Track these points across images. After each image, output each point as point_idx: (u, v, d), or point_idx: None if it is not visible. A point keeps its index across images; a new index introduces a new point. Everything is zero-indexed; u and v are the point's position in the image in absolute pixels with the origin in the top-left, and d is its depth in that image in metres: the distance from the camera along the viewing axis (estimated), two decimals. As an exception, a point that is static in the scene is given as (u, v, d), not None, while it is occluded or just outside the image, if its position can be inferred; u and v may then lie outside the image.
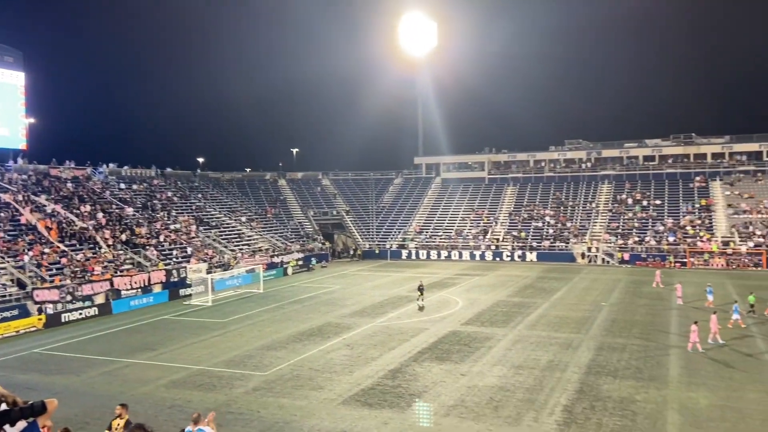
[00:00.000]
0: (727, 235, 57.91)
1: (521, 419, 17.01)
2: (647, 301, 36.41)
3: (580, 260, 59.92)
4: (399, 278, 49.71)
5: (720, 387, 19.51)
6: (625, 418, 16.95)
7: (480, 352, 24.74)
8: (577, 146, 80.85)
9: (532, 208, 71.63)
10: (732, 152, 71.16)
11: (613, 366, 22.23)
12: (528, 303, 36.32)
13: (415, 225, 73.39)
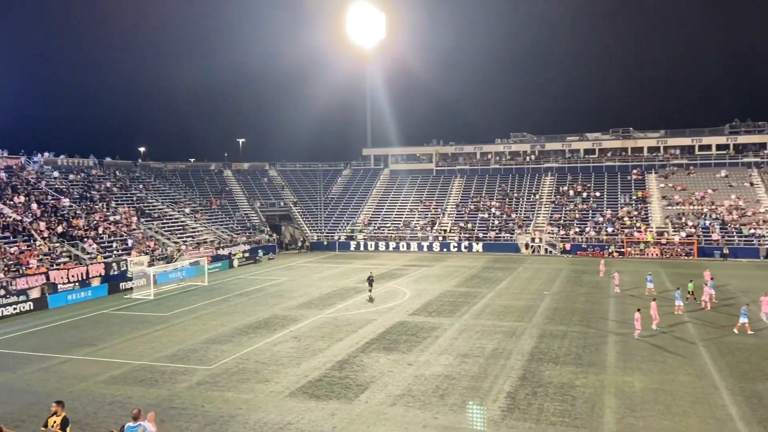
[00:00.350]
0: (662, 226, 60.50)
1: (466, 406, 17.32)
2: (587, 290, 37.66)
3: (524, 250, 61.39)
4: (347, 270, 49.69)
5: (654, 371, 20.40)
6: (565, 402, 17.51)
7: (427, 341, 25.03)
8: (521, 139, 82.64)
9: (478, 199, 72.82)
10: (666, 146, 74.31)
11: (555, 353, 22.91)
12: (474, 293, 36.97)
13: (364, 216, 73.44)
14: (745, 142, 71.58)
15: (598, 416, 16.44)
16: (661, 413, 16.55)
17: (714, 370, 20.42)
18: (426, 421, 16.34)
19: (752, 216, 59.22)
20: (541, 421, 16.12)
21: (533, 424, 15.92)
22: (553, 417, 16.41)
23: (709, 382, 19.08)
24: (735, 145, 71.62)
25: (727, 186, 65.63)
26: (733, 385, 18.77)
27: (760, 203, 61.55)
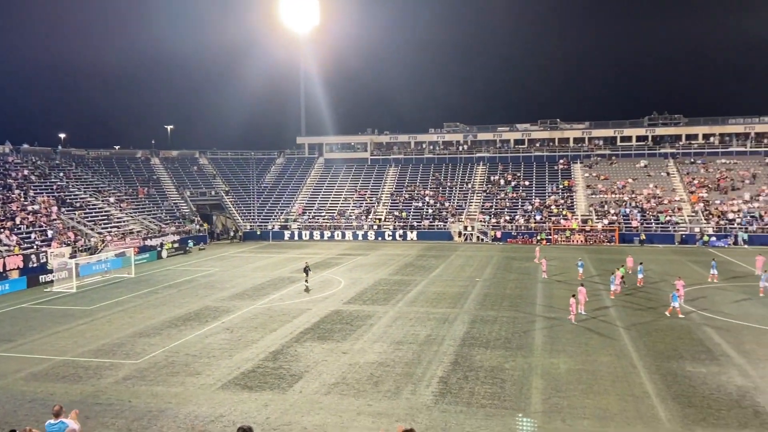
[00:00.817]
0: (586, 214, 63.13)
1: (400, 393, 17.57)
2: (517, 276, 38.86)
3: (457, 238, 62.62)
4: (281, 259, 49.15)
5: (578, 353, 21.33)
6: (495, 385, 18.05)
7: (362, 330, 25.15)
8: (454, 129, 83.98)
9: (412, 188, 73.56)
10: (591, 137, 77.47)
11: (486, 337, 23.55)
12: (408, 281, 37.41)
13: (298, 206, 72.75)
14: (662, 134, 75.58)
15: (525, 397, 17.05)
16: (584, 392, 17.34)
17: (633, 350, 21.56)
18: (360, 409, 16.45)
19: (668, 204, 62.75)
20: (472, 404, 16.55)
21: (464, 407, 16.33)
22: (483, 400, 16.89)
23: (628, 362, 20.14)
24: (653, 136, 75.52)
25: (646, 175, 69.17)
26: (650, 364, 19.89)
27: (675, 192, 65.25)
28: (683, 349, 21.54)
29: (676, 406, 16.21)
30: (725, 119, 74.47)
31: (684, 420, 15.28)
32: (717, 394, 17.01)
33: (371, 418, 15.84)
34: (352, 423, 15.51)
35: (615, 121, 77.83)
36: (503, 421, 15.47)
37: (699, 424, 14.99)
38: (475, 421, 15.41)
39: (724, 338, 22.84)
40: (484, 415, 15.83)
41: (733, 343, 22.19)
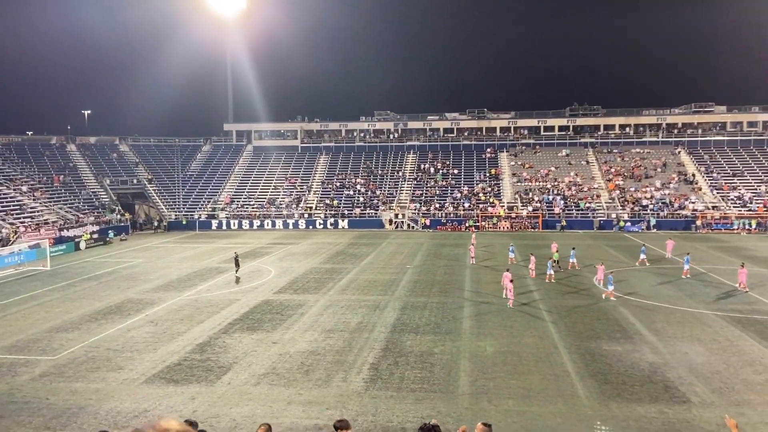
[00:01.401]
0: (512, 201, 65.10)
1: (331, 380, 17.59)
2: (446, 262, 39.64)
3: (388, 226, 63.11)
4: (208, 249, 47.93)
5: (503, 335, 22.05)
6: (424, 370, 18.39)
7: (292, 319, 24.96)
8: (385, 117, 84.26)
9: (344, 176, 73.40)
10: (516, 127, 79.78)
11: (416, 323, 23.92)
12: (339, 269, 37.40)
13: (226, 194, 71.08)
14: (582, 124, 78.81)
15: (453, 380, 17.47)
16: (509, 373, 17.97)
17: (554, 331, 22.51)
18: (291, 398, 16.36)
19: (588, 191, 65.65)
20: (402, 389, 16.81)
21: (395, 392, 16.55)
22: (413, 384, 17.18)
23: (550, 343, 21.01)
24: (574, 126, 78.64)
25: (568, 164, 72.01)
26: (570, 344, 20.83)
27: (594, 180, 68.32)
28: (600, 329, 22.69)
29: (593, 383, 17.07)
30: (639, 111, 78.54)
31: (601, 396, 16.13)
32: (631, 370, 18.04)
33: (302, 407, 15.79)
34: (282, 413, 15.41)
35: (539, 111, 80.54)
36: (432, 404, 15.80)
37: (614, 400, 15.86)
38: (405, 406, 15.67)
39: (638, 318, 24.22)
40: (414, 399, 16.11)
41: (645, 322, 23.57)
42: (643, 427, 14.21)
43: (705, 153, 71.30)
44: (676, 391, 16.37)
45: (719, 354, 19.47)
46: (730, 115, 75.96)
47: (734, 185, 64.21)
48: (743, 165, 68.16)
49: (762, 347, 20.12)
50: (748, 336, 21.47)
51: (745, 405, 15.37)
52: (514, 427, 14.20)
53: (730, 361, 18.77)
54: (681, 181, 65.92)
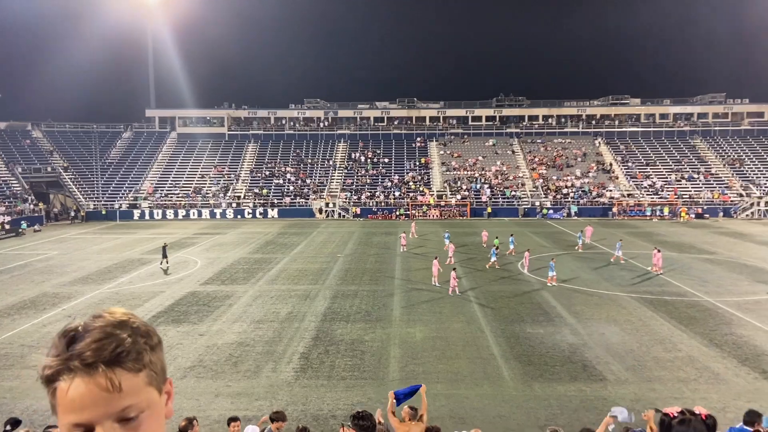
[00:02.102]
0: (441, 190, 66.21)
1: (260, 371, 17.37)
2: (377, 251, 39.87)
3: (319, 215, 62.75)
4: (130, 240, 46.07)
5: (432, 321, 22.46)
6: (355, 357, 18.47)
7: (220, 310, 24.42)
8: (315, 105, 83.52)
9: (273, 165, 72.27)
10: (445, 116, 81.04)
11: (346, 312, 23.96)
12: (269, 259, 36.88)
13: (149, 183, 68.46)
14: (508, 115, 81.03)
15: (384, 367, 17.65)
16: (438, 358, 18.33)
17: (481, 316, 23.13)
18: (219, 390, 16.04)
19: (513, 180, 67.68)
20: (332, 377, 16.82)
21: (325, 381, 16.54)
22: (344, 372, 17.22)
23: (477, 327, 21.59)
24: (500, 117, 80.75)
25: (494, 153, 73.91)
26: (496, 328, 21.48)
27: (519, 169, 70.49)
28: (524, 312, 23.52)
29: (517, 365, 17.69)
30: (561, 102, 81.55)
31: (524, 377, 16.74)
32: (552, 351, 18.82)
33: (230, 399, 15.51)
34: (209, 405, 15.08)
35: (467, 101, 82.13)
36: (363, 391, 15.91)
37: (537, 380, 16.51)
38: (336, 393, 15.70)
39: (559, 301, 25.26)
40: (345, 386, 16.16)
41: (566, 305, 24.62)
42: (564, 404, 14.87)
43: (621, 143, 74.99)
44: (594, 369, 17.22)
45: (633, 334, 20.62)
46: (644, 107, 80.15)
47: (647, 174, 67.95)
48: (656, 155, 72.21)
49: (671, 326, 21.46)
50: (659, 316, 22.84)
51: (656, 381, 16.36)
52: (443, 411, 14.51)
53: (643, 340, 19.92)
54: (599, 170, 69.09)
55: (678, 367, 17.30)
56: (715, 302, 24.93)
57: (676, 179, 66.65)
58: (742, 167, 68.31)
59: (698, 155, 71.74)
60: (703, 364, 17.56)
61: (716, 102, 79.67)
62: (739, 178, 66.02)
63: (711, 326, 21.45)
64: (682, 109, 79.26)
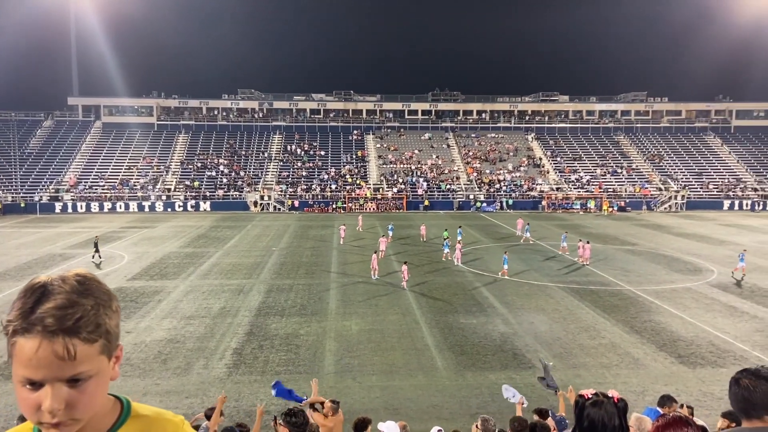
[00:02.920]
0: (378, 183, 66.44)
1: (191, 368, 16.92)
2: (313, 244, 39.60)
3: (254, 208, 61.68)
4: (52, 234, 43.79)
5: (368, 314, 22.54)
6: (290, 352, 18.30)
7: (148, 306, 23.61)
8: (249, 96, 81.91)
9: (205, 156, 70.41)
10: (382, 110, 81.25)
11: (281, 306, 23.69)
12: (201, 253, 35.95)
13: (72, 174, 65.23)
14: (443, 109, 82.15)
15: (319, 360, 17.58)
16: (373, 350, 18.43)
17: (416, 307, 23.42)
18: (147, 389, 15.52)
19: (448, 173, 68.75)
20: (266, 372, 16.59)
21: (259, 376, 16.31)
22: (278, 367, 17.03)
23: (412, 319, 21.84)
24: (436, 111, 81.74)
25: (430, 147, 74.82)
26: (430, 319, 21.80)
27: (454, 162, 71.67)
28: (458, 303, 23.98)
29: (451, 355, 18.02)
30: (495, 98, 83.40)
31: (457, 367, 17.08)
32: (484, 341, 19.29)
33: (159, 397, 15.04)
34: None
35: (403, 95, 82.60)
36: (297, 385, 15.72)
37: (469, 369, 16.88)
38: (270, 389, 15.48)
39: (491, 292, 25.91)
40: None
41: (498, 296, 25.28)
42: (494, 393, 15.25)
43: (551, 139, 77.55)
44: (523, 357, 17.77)
45: (560, 322, 21.41)
46: (572, 104, 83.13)
47: (575, 168, 70.60)
48: (582, 150, 75.10)
49: (595, 314, 22.43)
50: (584, 305, 23.82)
51: (581, 367, 17.06)
52: (377, 402, 14.61)
53: (569, 328, 20.72)
54: (530, 165, 71.21)
55: (601, 354, 18.11)
56: (635, 291, 26.25)
57: (601, 173, 69.57)
58: (661, 163, 72.10)
59: (621, 151, 75.14)
60: (624, 350, 18.45)
61: (638, 100, 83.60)
62: (658, 173, 69.65)
63: (632, 314, 22.56)
64: (607, 106, 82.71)
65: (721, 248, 37.57)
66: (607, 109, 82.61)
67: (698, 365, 17.15)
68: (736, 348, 18.63)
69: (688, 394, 14.85)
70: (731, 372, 11.43)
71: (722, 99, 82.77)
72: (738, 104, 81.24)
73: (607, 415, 2.67)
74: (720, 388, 15.36)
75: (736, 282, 28.03)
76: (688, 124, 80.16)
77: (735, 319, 21.82)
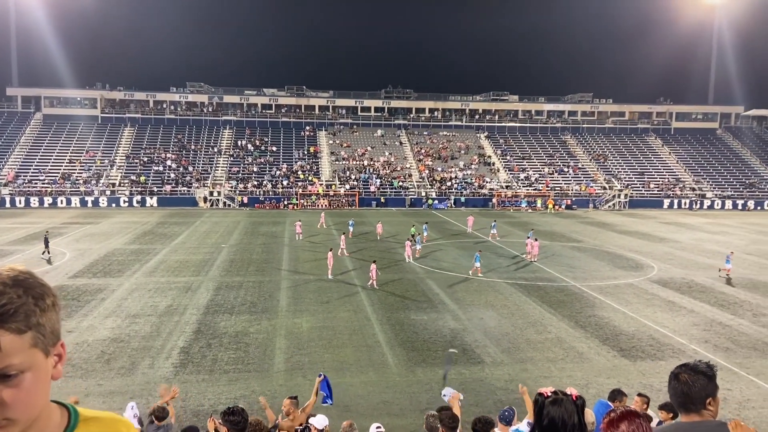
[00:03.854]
0: (330, 179, 66.16)
1: (136, 368, 16.45)
2: (264, 240, 39.11)
3: (203, 204, 60.44)
4: (-13, 230, 41.77)
5: (319, 311, 22.43)
6: (239, 350, 18.02)
7: (91, 305, 22.82)
8: (198, 90, 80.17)
9: (152, 151, 68.53)
10: (335, 106, 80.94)
11: (231, 303, 23.30)
12: (147, 249, 34.99)
13: (9, 168, 62.35)
14: (396, 106, 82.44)
15: (269, 358, 17.38)
16: (324, 347, 18.35)
17: (368, 304, 23.45)
18: (89, 389, 15.00)
19: (401, 171, 69.09)
20: (215, 371, 16.30)
21: (207, 375, 16.00)
22: (227, 366, 16.75)
23: (364, 316, 21.86)
24: (389, 108, 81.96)
25: (383, 144, 75.00)
26: (381, 316, 21.86)
27: (406, 160, 72.07)
28: (409, 300, 24.15)
29: (402, 351, 18.13)
30: (447, 96, 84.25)
31: (408, 363, 17.19)
32: (435, 337, 19.48)
33: (102, 398, 14.57)
34: (79, 406, 14.03)
35: (356, 92, 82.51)
36: (246, 383, 15.57)
37: (419, 365, 17.02)
38: (218, 388, 15.23)
39: (442, 288, 26.19)
40: (227, 380, 15.73)
41: (448, 292, 25.58)
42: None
43: (501, 137, 78.93)
44: (473, 353, 18.04)
45: (508, 318, 21.84)
46: (522, 104, 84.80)
47: (523, 167, 72.10)
48: (531, 149, 76.76)
49: (542, 310, 22.98)
50: (531, 300, 24.37)
51: (528, 362, 17.45)
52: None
53: (517, 323, 21.16)
54: (481, 163, 72.30)
55: (548, 348, 18.57)
56: (580, 287, 27.03)
57: (548, 172, 71.28)
58: (606, 162, 74.43)
59: (568, 150, 77.18)
60: (569, 344, 18.98)
61: (584, 101, 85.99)
62: (603, 172, 71.88)
63: (577, 309, 23.23)
64: (555, 107, 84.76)
65: (662, 245, 39.10)
66: (555, 110, 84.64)
67: (639, 358, 17.80)
68: (674, 341, 19.43)
69: (629, 387, 15.38)
70: (670, 365, 12.00)
71: (663, 102, 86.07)
72: (677, 107, 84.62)
73: (566, 413, 2.68)
74: (659, 380, 15.99)
75: (727, 280, 28.83)
76: (631, 125, 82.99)
77: (673, 314, 22.75)
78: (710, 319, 22.14)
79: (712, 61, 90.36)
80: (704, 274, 30.08)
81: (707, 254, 35.82)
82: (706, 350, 18.53)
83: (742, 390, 15.56)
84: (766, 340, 19.71)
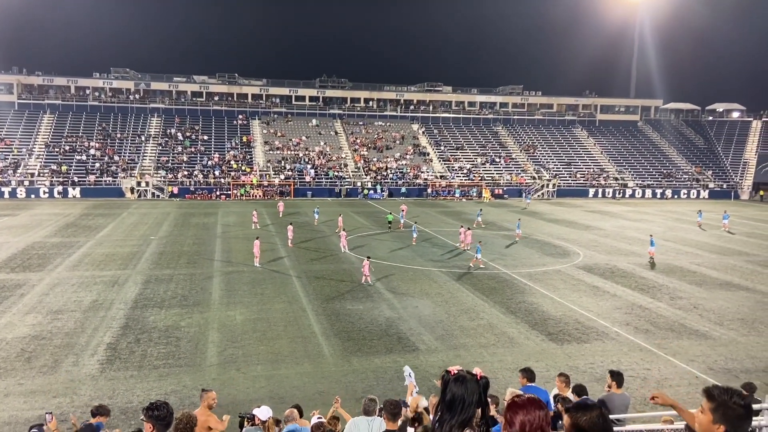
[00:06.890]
0: (264, 169, 65.08)
1: (59, 366, 15.73)
2: (195, 232, 38.09)
3: (130, 195, 58.18)
4: None
5: (253, 303, 22.11)
6: (170, 345, 17.53)
7: (9, 301, 21.59)
8: (124, 76, 76.75)
9: (74, 139, 65.24)
10: (268, 94, 79.47)
11: (160, 297, 22.61)
12: (70, 243, 33.37)
13: None
14: (331, 96, 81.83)
15: (201, 352, 17.01)
16: (259, 340, 18.13)
17: (303, 295, 23.31)
18: (9, 389, 14.24)
19: (336, 160, 68.78)
20: (144, 367, 15.81)
21: (135, 371, 15.50)
22: (156, 361, 16.27)
23: (299, 307, 21.72)
24: (324, 97, 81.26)
25: (318, 134, 74.37)
26: (317, 306, 21.80)
27: (342, 150, 71.80)
28: (345, 290, 24.18)
29: (337, 341, 18.16)
30: (382, 86, 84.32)
31: (344, 353, 17.25)
32: (370, 326, 19.62)
33: (23, 398, 13.86)
34: (-5, 410, 13.31)
35: (290, 80, 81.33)
36: (178, 378, 15.19)
37: (355, 355, 17.11)
38: (147, 384, 14.78)
39: (378, 278, 26.32)
40: (157, 375, 15.29)
41: (384, 282, 25.77)
42: (380, 376, 15.61)
43: (435, 128, 79.90)
44: (408, 341, 18.30)
45: (443, 306, 22.26)
46: (455, 95, 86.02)
47: (457, 157, 73.34)
48: (464, 140, 78.14)
49: (475, 297, 23.55)
50: (464, 288, 24.93)
51: (461, 348, 17.87)
52: (262, 392, 14.41)
53: (451, 311, 21.61)
54: (416, 153, 72.98)
55: (480, 334, 19.07)
56: (511, 274, 27.87)
57: (481, 162, 72.83)
58: (535, 153, 76.78)
59: (500, 141, 79.06)
60: (501, 330, 19.56)
61: (515, 93, 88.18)
62: (532, 163, 74.13)
63: (508, 295, 23.95)
64: (487, 98, 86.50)
65: (587, 233, 40.80)
66: (487, 101, 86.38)
67: (565, 342, 18.57)
68: (598, 324, 20.38)
69: (557, 369, 16.04)
70: (594, 347, 12.67)
71: (588, 94, 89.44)
72: (602, 99, 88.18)
73: (468, 391, 2.91)
74: (584, 362, 16.76)
75: (651, 264, 30.39)
76: (558, 117, 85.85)
77: (597, 298, 23.85)
78: (631, 302, 23.35)
79: (634, 56, 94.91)
80: (626, 259, 31.65)
81: (629, 241, 37.68)
82: (628, 332, 19.55)
83: (660, 369, 16.53)
84: (681, 321, 20.99)
